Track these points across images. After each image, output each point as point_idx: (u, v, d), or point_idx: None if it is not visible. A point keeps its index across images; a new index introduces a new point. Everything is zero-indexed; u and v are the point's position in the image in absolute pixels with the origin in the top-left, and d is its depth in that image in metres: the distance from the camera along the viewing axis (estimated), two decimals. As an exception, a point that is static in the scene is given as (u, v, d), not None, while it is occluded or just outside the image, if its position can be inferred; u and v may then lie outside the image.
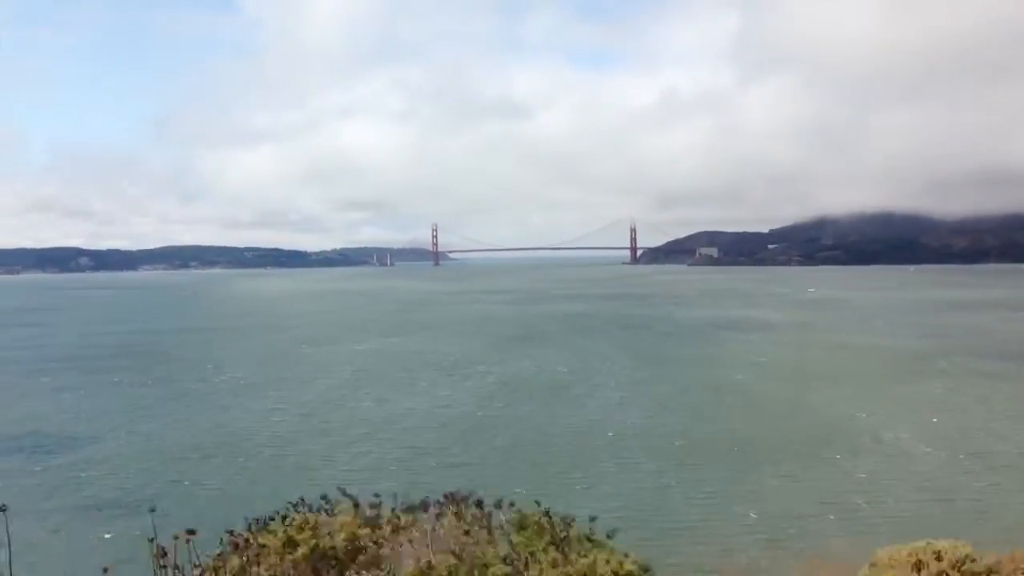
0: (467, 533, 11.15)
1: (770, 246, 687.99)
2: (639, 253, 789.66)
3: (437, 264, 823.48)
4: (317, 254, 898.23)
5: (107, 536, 49.23)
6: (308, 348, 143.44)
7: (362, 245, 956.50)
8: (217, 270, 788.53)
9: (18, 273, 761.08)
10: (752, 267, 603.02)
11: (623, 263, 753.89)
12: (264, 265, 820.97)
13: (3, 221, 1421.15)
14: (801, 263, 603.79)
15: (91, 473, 63.93)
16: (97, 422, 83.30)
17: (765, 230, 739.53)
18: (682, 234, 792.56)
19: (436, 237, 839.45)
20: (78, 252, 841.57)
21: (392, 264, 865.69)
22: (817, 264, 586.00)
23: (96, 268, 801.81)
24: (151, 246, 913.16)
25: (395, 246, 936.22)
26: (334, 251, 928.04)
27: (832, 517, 50.49)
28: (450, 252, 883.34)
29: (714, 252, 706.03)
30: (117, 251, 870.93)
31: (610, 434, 74.06)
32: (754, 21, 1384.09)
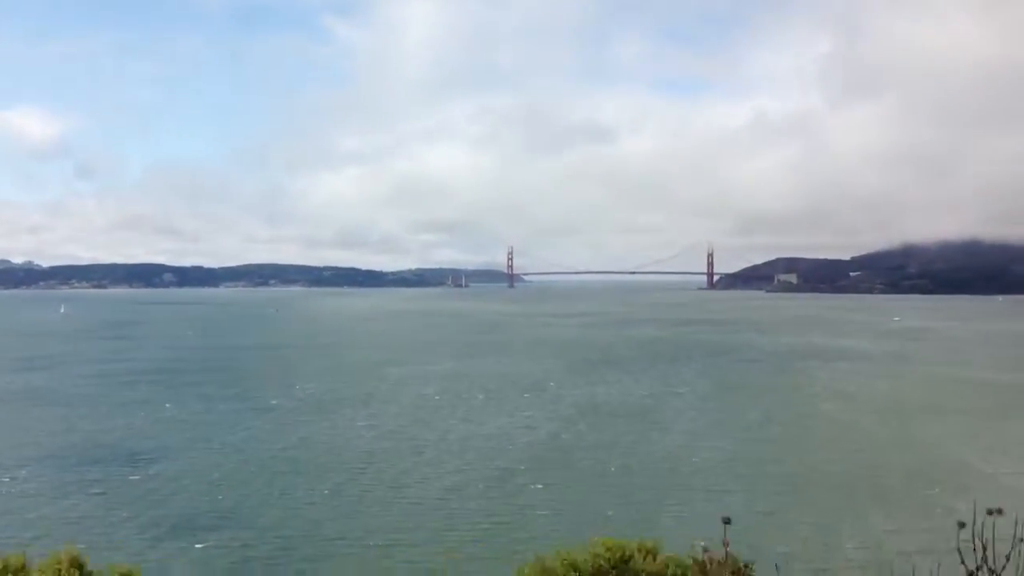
0: None
1: (852, 273, 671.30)
2: (716, 278, 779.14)
3: (511, 286, 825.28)
4: (393, 274, 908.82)
5: (199, 547, 50.53)
6: (390, 367, 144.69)
7: (437, 266, 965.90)
8: (296, 288, 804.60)
9: (106, 287, 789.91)
10: (833, 294, 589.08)
11: (699, 288, 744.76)
12: (341, 284, 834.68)
13: (96, 238, 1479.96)
14: (884, 291, 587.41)
15: (184, 483, 65.28)
16: (188, 434, 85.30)
17: (846, 257, 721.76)
18: (760, 260, 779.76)
19: (511, 259, 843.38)
20: (163, 268, 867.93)
21: (466, 285, 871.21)
22: (901, 292, 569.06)
23: (179, 284, 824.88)
24: (232, 263, 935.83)
25: (470, 267, 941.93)
26: (410, 271, 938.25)
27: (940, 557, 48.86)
28: (524, 274, 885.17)
29: (793, 278, 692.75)
30: (200, 268, 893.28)
31: (695, 460, 73.35)
32: (848, 43, 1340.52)
